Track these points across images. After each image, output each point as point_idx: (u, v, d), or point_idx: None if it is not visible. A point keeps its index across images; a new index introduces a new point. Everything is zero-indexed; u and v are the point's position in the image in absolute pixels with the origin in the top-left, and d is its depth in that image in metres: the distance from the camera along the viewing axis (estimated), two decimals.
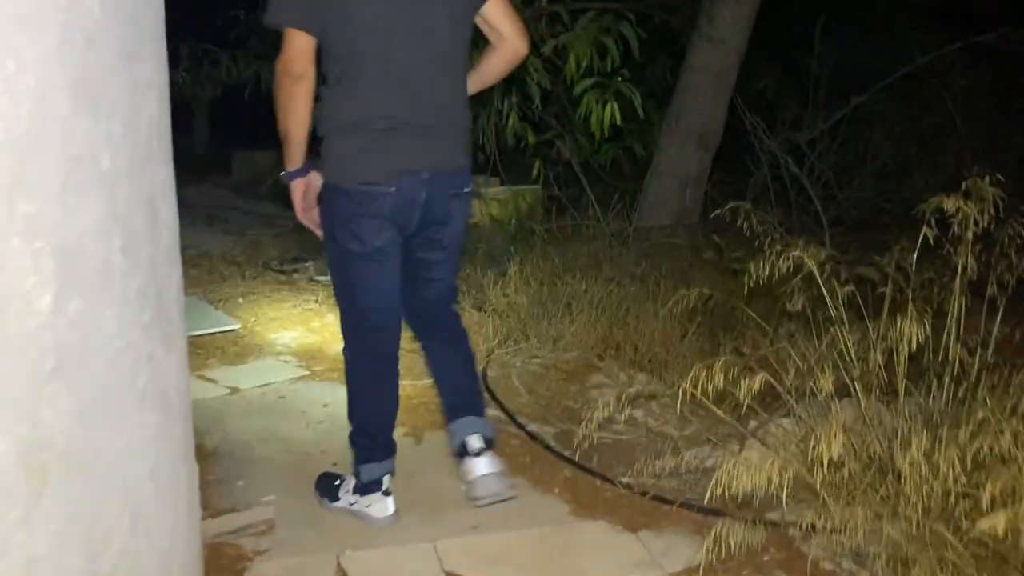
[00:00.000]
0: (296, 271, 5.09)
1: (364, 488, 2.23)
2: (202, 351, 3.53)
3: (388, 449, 2.26)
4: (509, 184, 6.21)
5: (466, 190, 2.20)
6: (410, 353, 2.72)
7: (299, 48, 1.92)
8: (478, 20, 2.11)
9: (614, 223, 5.12)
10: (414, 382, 3.20)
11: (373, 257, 2.08)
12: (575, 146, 5.21)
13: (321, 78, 2.01)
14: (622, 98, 3.79)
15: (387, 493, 2.22)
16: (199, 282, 4.69)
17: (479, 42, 2.23)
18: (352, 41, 1.96)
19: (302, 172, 2.09)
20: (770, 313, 3.11)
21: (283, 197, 2.52)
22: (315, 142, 2.08)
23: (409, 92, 1.99)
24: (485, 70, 2.23)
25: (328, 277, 2.59)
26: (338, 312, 2.28)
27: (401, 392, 2.33)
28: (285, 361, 3.52)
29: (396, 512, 2.23)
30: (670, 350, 3.31)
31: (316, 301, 4.45)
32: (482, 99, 4.65)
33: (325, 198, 2.10)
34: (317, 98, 2.01)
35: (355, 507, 2.23)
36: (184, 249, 1.45)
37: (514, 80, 4.24)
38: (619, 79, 3.63)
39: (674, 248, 4.68)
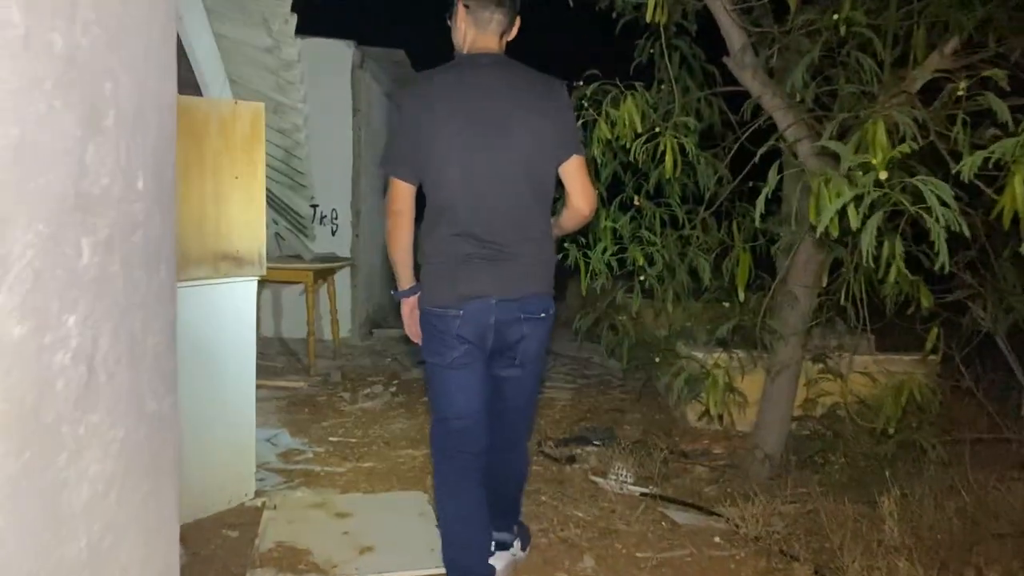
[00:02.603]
0: (574, 458, 3.81)
1: None
2: None
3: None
4: (888, 352, 4.41)
5: (541, 315, 2.36)
6: None
7: (396, 192, 2.28)
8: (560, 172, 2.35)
9: None
10: None
11: (452, 367, 2.32)
12: (1000, 313, 3.34)
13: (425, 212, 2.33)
14: None
15: None
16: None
17: None
18: (437, 184, 2.25)
19: (409, 293, 2.39)
20: None
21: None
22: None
23: (481, 228, 2.25)
24: (562, 220, 2.47)
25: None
26: None
27: None
28: None
29: None
30: None
31: (584, 529, 3.08)
32: (845, 240, 3.09)
33: (420, 316, 2.38)
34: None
35: None
36: None
37: (900, 213, 2.63)
38: None
39: None
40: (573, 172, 2.33)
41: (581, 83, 3.72)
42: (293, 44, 3.66)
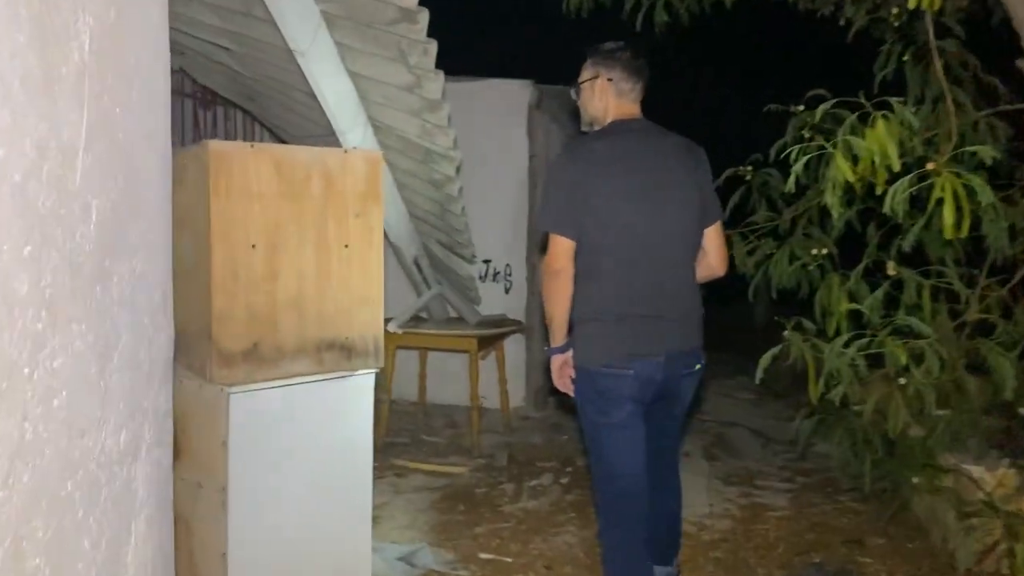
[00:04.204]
0: None
1: None
2: None
3: None
4: None
5: (697, 367, 2.47)
6: None
7: (558, 249, 2.33)
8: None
9: None
10: None
11: (617, 428, 2.37)
12: None
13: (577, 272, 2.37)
14: None
15: None
16: None
17: None
18: (600, 244, 2.32)
19: (562, 349, 2.46)
20: None
21: None
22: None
23: (645, 287, 2.33)
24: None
25: None
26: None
27: None
28: None
29: None
30: None
31: None
32: None
33: (577, 375, 2.44)
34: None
35: None
36: None
37: None
38: None
39: None
40: (715, 235, 2.47)
41: (801, 108, 2.82)
42: (435, 79, 3.01)
